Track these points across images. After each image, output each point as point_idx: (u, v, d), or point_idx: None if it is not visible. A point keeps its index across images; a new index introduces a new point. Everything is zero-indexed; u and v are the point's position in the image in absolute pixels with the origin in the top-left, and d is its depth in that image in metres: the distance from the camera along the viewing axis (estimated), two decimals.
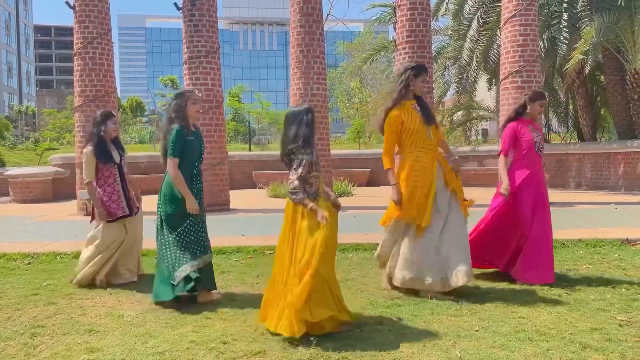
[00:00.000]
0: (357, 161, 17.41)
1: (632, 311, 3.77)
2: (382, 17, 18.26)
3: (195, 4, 10.07)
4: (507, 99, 10.36)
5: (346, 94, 36.30)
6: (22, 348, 3.28)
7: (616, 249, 6.00)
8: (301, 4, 10.42)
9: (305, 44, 10.43)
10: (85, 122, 10.06)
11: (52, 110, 42.93)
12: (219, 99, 10.42)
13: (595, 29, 12.36)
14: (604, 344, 3.16)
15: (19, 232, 7.91)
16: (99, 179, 4.94)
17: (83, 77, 10.12)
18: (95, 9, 10.08)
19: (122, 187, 4.99)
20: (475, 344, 3.17)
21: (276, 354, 3.09)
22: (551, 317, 3.68)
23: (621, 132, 15.86)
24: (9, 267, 5.67)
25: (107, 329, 3.61)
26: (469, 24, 16.63)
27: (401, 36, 10.54)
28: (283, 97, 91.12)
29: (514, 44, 10.18)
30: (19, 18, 78.45)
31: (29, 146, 27.42)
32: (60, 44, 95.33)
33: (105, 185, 4.94)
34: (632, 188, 13.01)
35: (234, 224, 8.38)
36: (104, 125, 4.94)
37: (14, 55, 76.68)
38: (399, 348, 3.14)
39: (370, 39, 34.50)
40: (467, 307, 3.91)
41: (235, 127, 37.80)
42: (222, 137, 10.43)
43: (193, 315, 3.86)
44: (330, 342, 3.23)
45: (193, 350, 3.18)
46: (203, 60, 10.12)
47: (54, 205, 12.23)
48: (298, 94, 10.58)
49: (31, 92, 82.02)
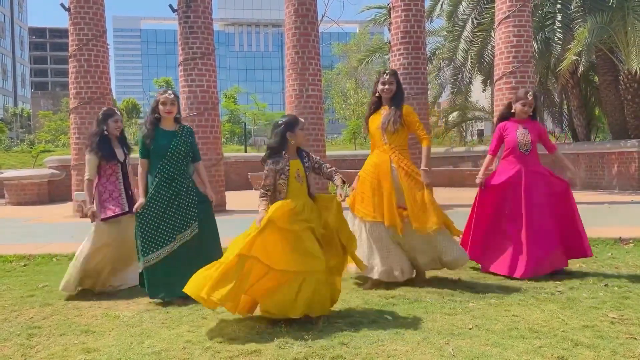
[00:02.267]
0: (352, 162, 17.43)
1: (624, 309, 3.82)
2: (377, 19, 18.30)
3: (190, 5, 10.09)
4: (502, 100, 10.40)
5: (342, 95, 36.40)
6: (19, 349, 3.30)
7: (609, 248, 6.06)
8: (296, 6, 10.46)
9: (301, 45, 10.46)
10: (80, 124, 10.07)
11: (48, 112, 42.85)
12: (215, 100, 10.44)
13: (589, 30, 12.44)
14: (595, 341, 3.20)
15: (15, 234, 7.91)
16: (102, 177, 4.92)
17: (78, 79, 10.12)
18: (90, 10, 10.09)
19: (124, 186, 5.00)
20: (468, 342, 3.21)
21: (271, 352, 3.11)
22: (544, 315, 3.71)
23: (615, 132, 15.96)
24: (5, 268, 5.68)
25: (103, 329, 3.63)
26: (463, 25, 16.71)
27: (396, 37, 10.59)
28: (279, 98, 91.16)
29: (508, 44, 10.24)
30: (13, 20, 78.26)
31: (24, 148, 27.32)
32: (55, 46, 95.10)
33: (107, 182, 4.92)
34: (625, 188, 13.09)
35: (230, 225, 8.37)
36: (105, 124, 4.96)
37: (9, 57, 76.49)
38: (393, 346, 3.17)
39: (365, 40, 34.56)
40: (461, 306, 3.95)
41: (231, 128, 37.81)
42: (217, 138, 10.45)
43: (189, 315, 3.88)
44: (324, 341, 3.26)
45: (189, 349, 3.20)
46: (198, 62, 10.14)
47: (49, 207, 12.22)
48: (293, 95, 10.61)
49: (26, 94, 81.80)
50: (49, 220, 9.76)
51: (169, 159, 4.38)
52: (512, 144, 4.97)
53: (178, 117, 4.56)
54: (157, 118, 4.45)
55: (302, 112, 10.39)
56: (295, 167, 3.81)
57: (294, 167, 3.80)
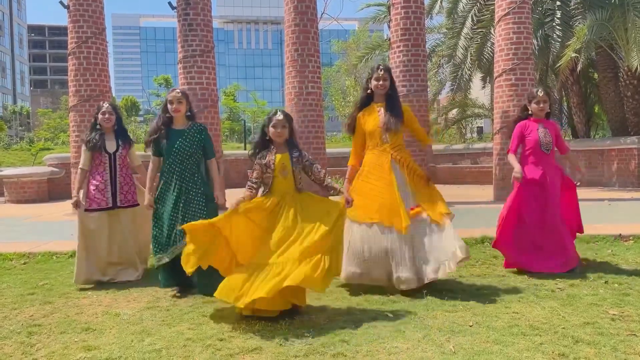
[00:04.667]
0: None
1: (624, 305, 3.82)
2: (377, 16, 18.28)
3: (189, 3, 10.06)
4: (501, 97, 10.41)
5: (341, 93, 36.34)
6: (19, 347, 3.30)
7: (609, 245, 6.06)
8: (295, 3, 10.42)
9: (300, 42, 10.43)
10: (80, 121, 10.05)
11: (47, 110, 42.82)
12: (214, 98, 10.42)
13: (588, 27, 12.42)
14: (596, 337, 3.20)
15: (15, 232, 7.90)
16: (92, 167, 5.03)
17: (77, 76, 10.10)
18: (90, 8, 10.06)
19: (111, 178, 5.03)
20: (469, 339, 3.21)
21: (272, 350, 3.11)
22: (544, 312, 3.72)
23: (615, 129, 15.95)
24: (5, 267, 5.68)
25: (103, 327, 3.63)
26: (463, 22, 16.67)
27: (395, 34, 10.57)
28: (278, 95, 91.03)
29: (507, 41, 10.23)
30: (12, 18, 78.13)
31: (24, 146, 27.28)
32: (55, 44, 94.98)
33: (95, 173, 5.02)
34: (625, 184, 13.10)
35: None
36: (96, 117, 5.09)
37: (8, 55, 76.40)
38: (393, 343, 3.17)
39: (364, 37, 34.50)
40: (462, 303, 3.95)
41: (230, 126, 37.78)
42: (217, 136, 10.43)
43: (189, 313, 3.88)
44: (325, 338, 3.26)
45: (189, 347, 3.20)
46: (198, 60, 10.11)
47: (49, 205, 12.21)
48: (293, 92, 10.59)
49: (25, 92, 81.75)
50: (48, 218, 9.75)
51: (174, 158, 4.43)
52: (534, 143, 4.92)
53: (189, 114, 4.57)
54: (169, 117, 4.46)
55: (302, 110, 10.39)
56: (282, 160, 3.86)
57: (280, 160, 3.86)
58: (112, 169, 5.05)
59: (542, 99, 4.96)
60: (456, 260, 4.12)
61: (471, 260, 5.18)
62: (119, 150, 5.08)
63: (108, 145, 5.03)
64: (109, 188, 5.00)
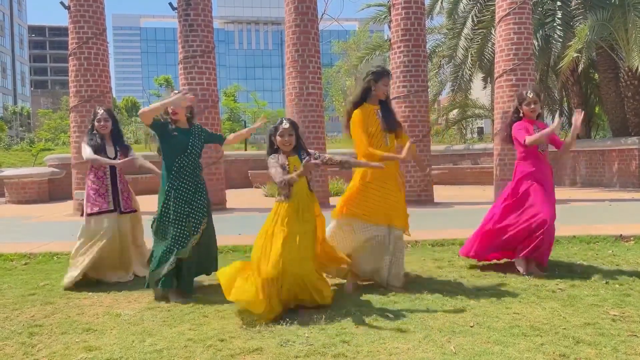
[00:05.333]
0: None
1: (625, 306, 3.82)
2: (377, 16, 18.30)
3: (190, 3, 10.08)
4: (502, 97, 10.42)
5: (342, 93, 36.34)
6: (20, 347, 3.30)
7: (610, 245, 6.05)
8: (296, 3, 10.44)
9: (301, 43, 10.44)
10: (80, 122, 10.06)
11: (47, 110, 42.83)
12: (215, 98, 10.43)
13: (589, 27, 12.43)
14: (596, 338, 3.20)
15: (16, 233, 7.91)
16: (90, 172, 5.04)
17: (78, 77, 10.12)
18: (90, 9, 10.09)
19: (111, 183, 5.03)
20: (470, 340, 3.21)
21: (273, 350, 3.11)
22: (545, 312, 3.71)
23: (615, 129, 15.95)
24: (6, 267, 5.68)
25: (104, 327, 3.63)
26: (463, 23, 16.69)
27: (396, 35, 10.58)
28: (279, 96, 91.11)
29: (508, 42, 10.24)
30: (13, 18, 78.17)
31: (24, 147, 27.33)
32: (55, 44, 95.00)
33: (95, 178, 5.01)
34: (626, 185, 13.10)
35: (230, 224, 8.40)
36: (93, 124, 5.11)
37: (8, 55, 76.43)
38: (394, 344, 3.17)
39: (365, 38, 34.56)
40: (462, 304, 3.95)
41: (231, 126, 37.72)
42: None
43: (190, 314, 3.88)
44: (326, 339, 3.26)
45: (190, 347, 3.20)
46: (198, 60, 10.13)
47: (49, 206, 12.22)
48: (294, 93, 10.60)
49: (26, 92, 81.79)
50: (49, 218, 9.76)
51: (188, 155, 4.40)
52: None
53: (189, 116, 4.57)
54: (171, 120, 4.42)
55: (302, 110, 10.40)
56: (294, 163, 3.96)
57: (292, 164, 3.96)
58: (112, 175, 5.06)
59: (532, 100, 4.93)
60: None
61: (472, 261, 5.21)
62: (117, 157, 5.08)
63: (108, 151, 5.05)
64: (110, 193, 5.00)
